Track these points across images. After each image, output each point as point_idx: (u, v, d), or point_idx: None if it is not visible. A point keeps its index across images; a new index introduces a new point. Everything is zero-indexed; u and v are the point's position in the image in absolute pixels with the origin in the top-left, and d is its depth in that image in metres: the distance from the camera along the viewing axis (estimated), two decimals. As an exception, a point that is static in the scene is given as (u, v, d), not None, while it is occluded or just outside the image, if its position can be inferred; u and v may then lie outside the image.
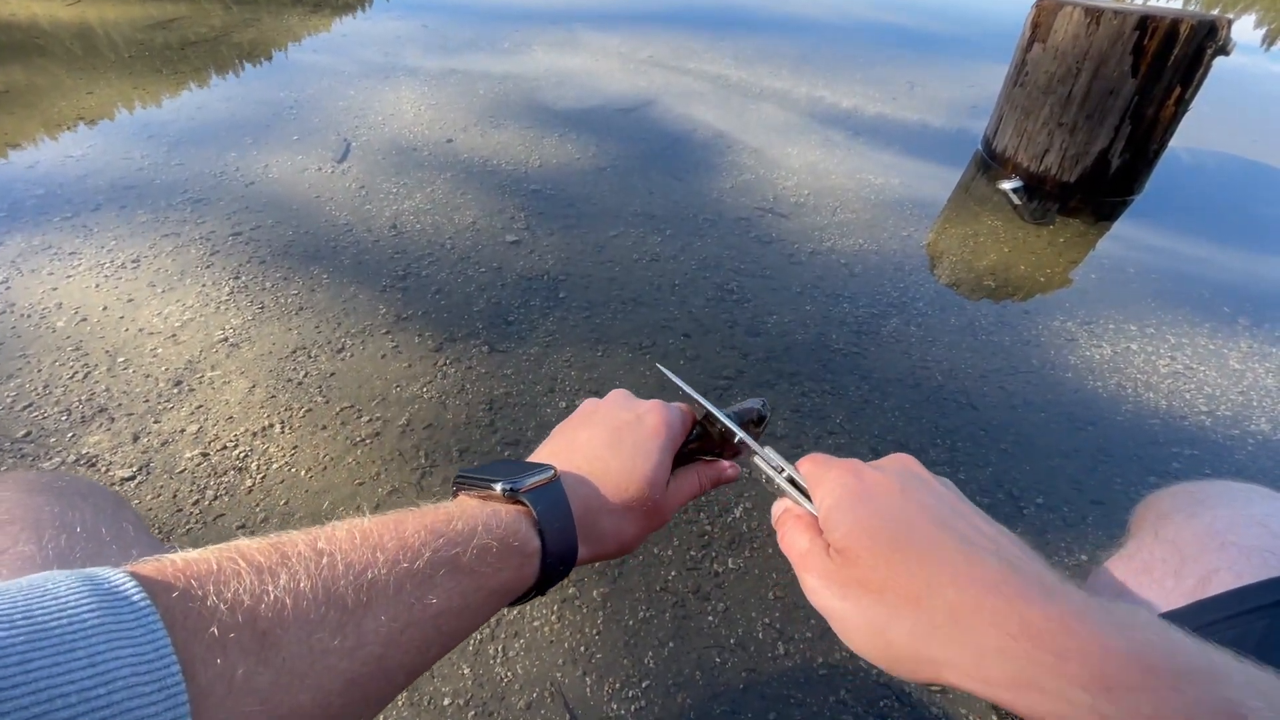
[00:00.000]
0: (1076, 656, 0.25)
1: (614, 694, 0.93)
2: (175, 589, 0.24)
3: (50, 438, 1.25)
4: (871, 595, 0.30)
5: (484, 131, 2.54)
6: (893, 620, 0.29)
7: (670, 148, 2.51)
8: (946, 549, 0.30)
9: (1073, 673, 0.25)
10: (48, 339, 1.47)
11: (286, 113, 2.63)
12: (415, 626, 0.30)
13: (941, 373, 1.50)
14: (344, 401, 1.36)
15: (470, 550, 0.33)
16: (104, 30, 3.48)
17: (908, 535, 0.31)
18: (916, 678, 0.29)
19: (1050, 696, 0.25)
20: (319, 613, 0.27)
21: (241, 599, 0.25)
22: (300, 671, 0.25)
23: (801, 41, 4.00)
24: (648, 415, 0.44)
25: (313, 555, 0.28)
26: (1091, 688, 0.24)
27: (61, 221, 1.88)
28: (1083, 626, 0.25)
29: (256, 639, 0.25)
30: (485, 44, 3.60)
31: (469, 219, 1.99)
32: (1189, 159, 2.73)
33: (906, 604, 0.29)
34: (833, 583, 0.32)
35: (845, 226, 2.06)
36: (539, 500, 0.37)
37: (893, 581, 0.30)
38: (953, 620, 0.28)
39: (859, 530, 0.32)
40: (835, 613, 0.32)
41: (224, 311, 1.58)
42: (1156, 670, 0.24)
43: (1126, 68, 2.04)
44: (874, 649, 0.30)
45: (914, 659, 0.28)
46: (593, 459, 0.42)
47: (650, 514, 0.43)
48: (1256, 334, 1.71)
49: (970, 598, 0.28)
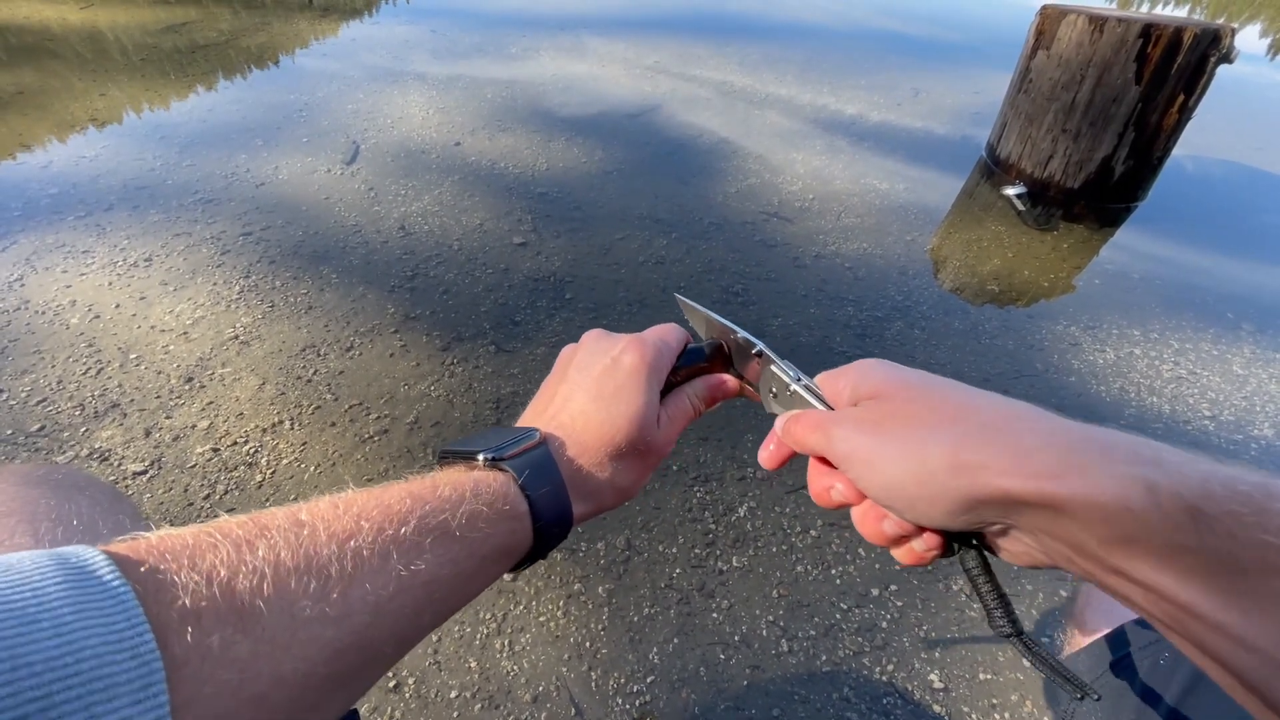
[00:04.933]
0: (1121, 444, 0.27)
1: (619, 689, 0.94)
2: (147, 563, 0.23)
3: (64, 432, 1.27)
4: (910, 422, 0.32)
5: (491, 135, 2.57)
6: (930, 438, 0.30)
7: (676, 152, 2.53)
8: (972, 389, 0.33)
9: (1117, 455, 0.26)
10: (61, 335, 1.49)
11: (296, 115, 2.66)
12: (404, 594, 0.30)
13: (945, 376, 1.50)
14: (353, 399, 1.37)
15: (460, 516, 0.32)
16: (114, 34, 3.52)
17: (937, 380, 0.34)
18: (948, 494, 0.29)
19: (1094, 475, 0.26)
20: (301, 582, 0.26)
21: (217, 570, 0.24)
22: (282, 642, 0.25)
23: (806, 48, 4.02)
24: (624, 355, 0.42)
25: (293, 526, 0.28)
26: (1139, 461, 0.26)
27: (75, 220, 1.90)
28: (1121, 433, 0.28)
29: (234, 610, 0.24)
30: (493, 49, 3.64)
31: (476, 221, 2.01)
32: (1192, 166, 2.74)
33: (944, 422, 0.31)
34: (864, 423, 0.33)
35: (849, 231, 2.08)
36: (524, 466, 0.36)
37: (933, 406, 0.32)
38: (992, 427, 0.29)
39: (893, 376, 0.35)
40: (864, 448, 0.33)
41: (234, 310, 1.60)
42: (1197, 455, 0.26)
43: (1130, 75, 2.05)
44: (907, 471, 0.31)
45: (950, 469, 0.29)
46: (575, 414, 0.41)
47: (645, 455, 0.42)
48: (1260, 340, 1.71)
49: (1006, 411, 0.30)
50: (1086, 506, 0.26)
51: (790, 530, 1.17)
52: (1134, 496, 0.25)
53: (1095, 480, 0.26)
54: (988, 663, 1.00)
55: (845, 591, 1.08)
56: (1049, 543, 0.28)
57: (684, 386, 0.46)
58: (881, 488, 0.32)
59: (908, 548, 0.34)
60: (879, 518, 0.34)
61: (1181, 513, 0.24)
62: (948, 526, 0.31)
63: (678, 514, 1.19)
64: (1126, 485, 0.25)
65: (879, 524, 0.34)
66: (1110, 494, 0.25)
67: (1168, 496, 0.24)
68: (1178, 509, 0.24)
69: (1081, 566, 0.28)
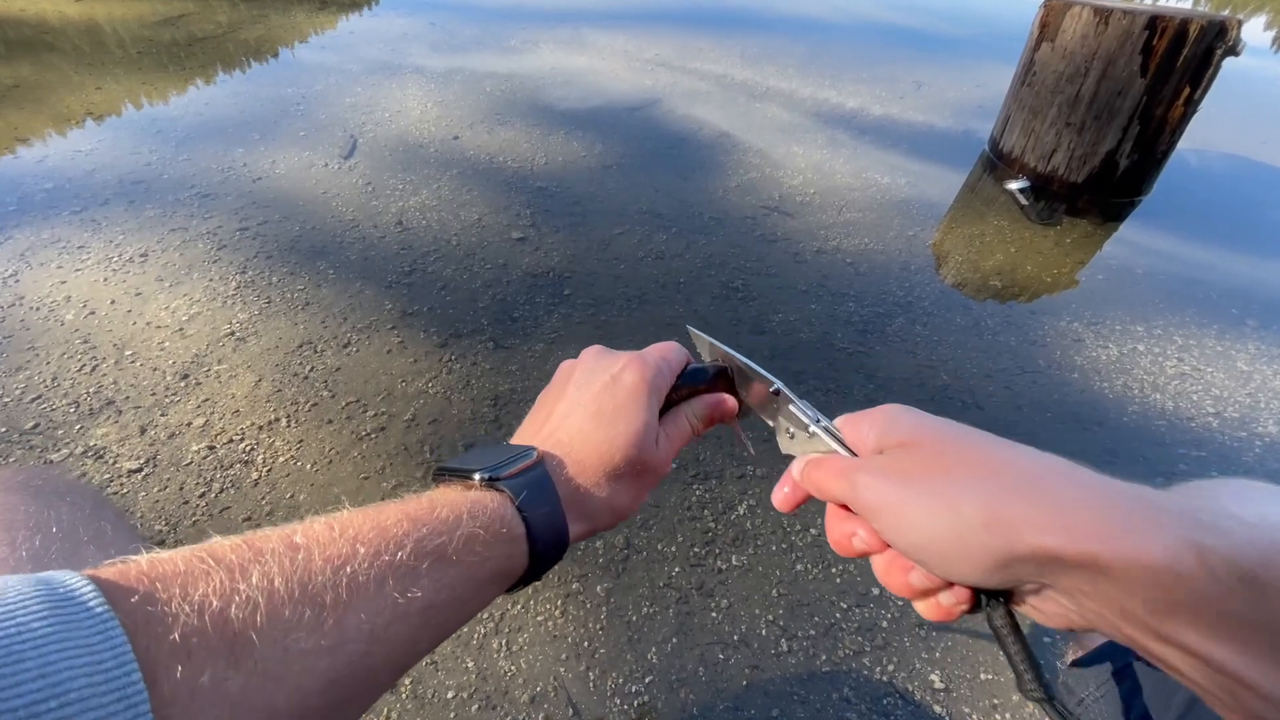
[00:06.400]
0: (1168, 505, 0.26)
1: (617, 689, 0.93)
2: (137, 593, 0.23)
3: (58, 430, 1.26)
4: (941, 474, 0.30)
5: (490, 129, 2.55)
6: (964, 492, 0.29)
7: (676, 146, 2.51)
8: (1005, 441, 0.32)
9: (1166, 518, 0.25)
10: (56, 332, 1.48)
11: (293, 109, 2.64)
12: (401, 621, 0.29)
13: (947, 372, 1.50)
14: (349, 396, 1.36)
15: (456, 539, 0.32)
16: (111, 27, 3.49)
17: (969, 430, 0.33)
18: (984, 550, 0.28)
19: (1142, 536, 0.25)
20: (295, 611, 0.26)
21: (210, 600, 0.24)
22: (275, 674, 0.24)
23: (807, 41, 3.99)
24: (624, 373, 0.41)
25: (287, 551, 0.27)
26: (1189, 523, 0.25)
27: (70, 215, 1.89)
28: (1164, 493, 0.27)
29: (226, 642, 0.24)
30: (492, 42, 3.61)
31: (475, 216, 2.00)
32: (1197, 160, 2.71)
33: (980, 476, 0.29)
34: (892, 472, 0.32)
35: (851, 226, 2.06)
36: (522, 487, 0.36)
37: (966, 458, 0.30)
38: (1031, 483, 0.28)
39: (923, 424, 0.33)
40: (894, 499, 0.31)
41: (231, 306, 1.59)
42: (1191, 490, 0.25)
43: (1135, 68, 2.03)
44: (940, 525, 0.29)
45: (986, 525, 0.28)
46: (573, 432, 0.40)
47: (642, 475, 0.41)
48: (1265, 336, 1.70)
49: (1045, 466, 0.29)
50: (1133, 569, 0.24)
51: (790, 529, 1.16)
52: (1185, 560, 0.24)
53: (1143, 542, 0.24)
54: (989, 663, 0.99)
55: (845, 591, 1.07)
56: (1088, 605, 0.27)
57: (683, 406, 0.45)
58: (911, 542, 0.31)
59: (934, 601, 0.33)
60: (905, 569, 0.33)
61: (1236, 579, 0.23)
62: (981, 584, 0.30)
63: (676, 512, 1.18)
64: (1177, 548, 0.24)
65: (905, 575, 0.33)
66: (1159, 557, 0.24)
67: (1221, 562, 0.23)
68: (1231, 575, 0.23)
69: (1125, 632, 0.26)
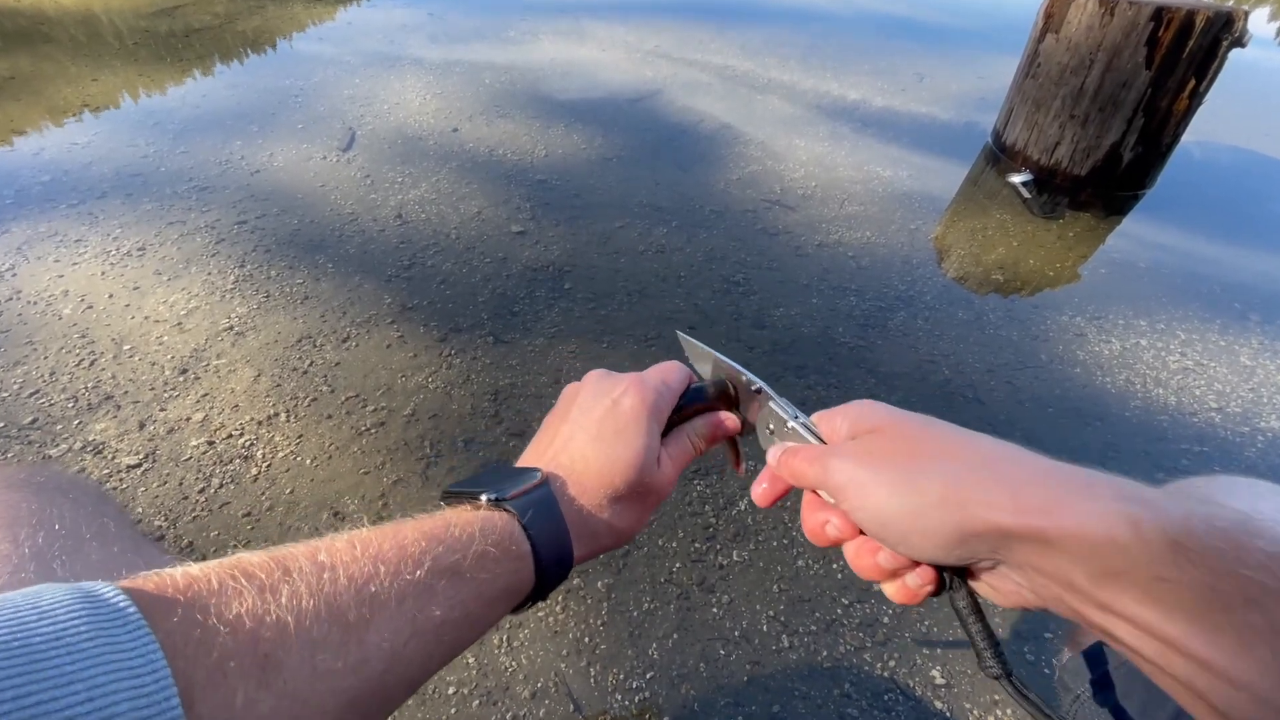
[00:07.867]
0: (1104, 483, 0.28)
1: (618, 685, 0.93)
2: (176, 612, 0.24)
3: (57, 425, 1.25)
4: (905, 457, 0.33)
5: (490, 121, 2.53)
6: (926, 471, 0.31)
7: (676, 139, 2.49)
8: (966, 430, 0.34)
9: (1102, 493, 0.27)
10: (54, 326, 1.48)
11: (291, 101, 2.62)
12: (418, 639, 0.30)
13: (949, 367, 1.49)
14: (349, 391, 1.36)
15: (470, 556, 0.33)
16: (108, 18, 3.47)
17: (933, 420, 0.36)
18: (941, 527, 0.30)
19: (1081, 509, 0.27)
20: (321, 631, 0.27)
21: (243, 621, 0.25)
22: (302, 695, 0.25)
23: (809, 32, 3.96)
24: (624, 397, 0.42)
25: (314, 569, 0.28)
26: (1123, 497, 0.27)
27: (67, 208, 1.88)
28: (1102, 473, 0.29)
29: (258, 663, 0.24)
30: (491, 33, 3.58)
31: (474, 209, 1.99)
32: (1201, 153, 2.70)
33: (939, 458, 0.32)
34: (860, 455, 0.34)
35: (852, 219, 2.05)
36: (527, 506, 0.37)
37: (927, 443, 0.33)
38: (987, 464, 0.31)
39: (890, 414, 0.36)
40: (860, 480, 0.33)
41: (229, 300, 1.58)
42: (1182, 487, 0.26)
43: (1140, 59, 2.01)
44: (901, 504, 0.31)
45: (943, 502, 0.30)
46: (576, 456, 0.41)
47: (645, 497, 0.42)
48: (1268, 330, 1.69)
49: (998, 451, 0.32)
50: (1074, 540, 0.27)
51: (791, 524, 1.16)
52: (1119, 530, 0.26)
53: (1082, 515, 0.27)
54: (990, 658, 0.99)
55: (847, 586, 1.07)
56: (1037, 580, 0.29)
57: (685, 425, 0.46)
58: (875, 519, 0.33)
59: (901, 583, 0.35)
60: (873, 551, 0.35)
61: (1164, 546, 0.25)
62: (940, 561, 0.32)
63: (677, 508, 1.17)
64: (1112, 520, 0.26)
65: (873, 558, 0.35)
66: (1097, 528, 0.26)
67: (1151, 530, 0.25)
68: (1161, 542, 0.25)
69: (1069, 604, 0.28)
